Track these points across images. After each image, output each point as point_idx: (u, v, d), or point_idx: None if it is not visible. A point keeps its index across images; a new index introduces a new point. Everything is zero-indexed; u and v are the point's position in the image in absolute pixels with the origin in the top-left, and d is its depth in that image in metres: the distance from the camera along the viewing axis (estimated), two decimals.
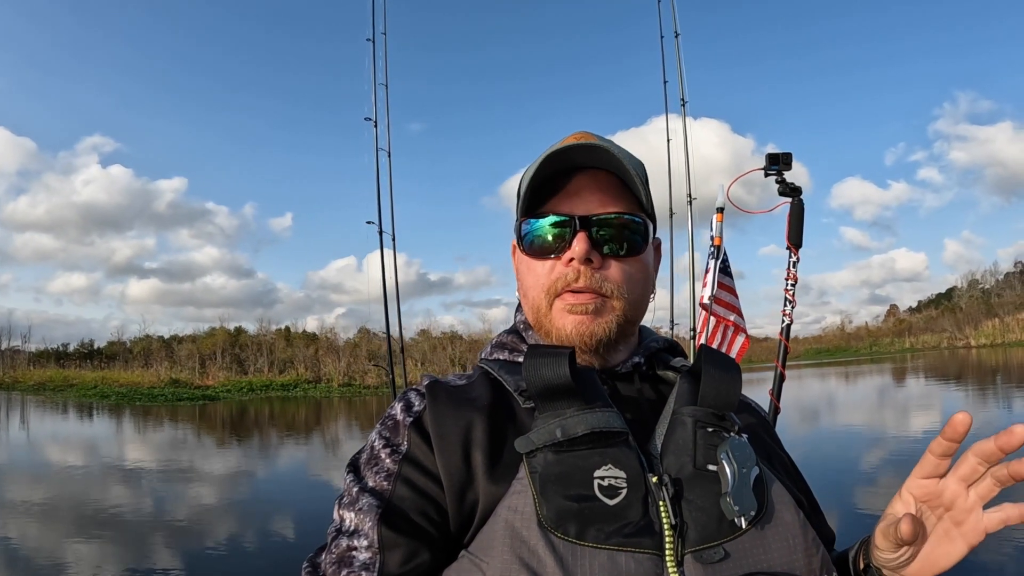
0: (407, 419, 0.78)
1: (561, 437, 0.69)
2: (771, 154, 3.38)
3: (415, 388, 0.84)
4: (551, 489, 0.66)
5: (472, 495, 0.71)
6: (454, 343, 35.85)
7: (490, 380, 0.83)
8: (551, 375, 0.72)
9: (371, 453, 0.77)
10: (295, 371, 32.38)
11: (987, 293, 47.87)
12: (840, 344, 48.15)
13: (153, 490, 8.46)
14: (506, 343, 0.91)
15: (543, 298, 0.82)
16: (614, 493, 0.67)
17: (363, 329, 37.59)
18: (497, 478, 0.70)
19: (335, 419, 18.88)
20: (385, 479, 0.73)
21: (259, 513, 7.16)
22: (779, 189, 3.37)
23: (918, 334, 45.76)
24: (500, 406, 0.78)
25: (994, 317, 41.22)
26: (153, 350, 35.96)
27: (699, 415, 0.74)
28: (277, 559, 5.39)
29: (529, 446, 0.70)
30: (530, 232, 0.83)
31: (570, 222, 0.80)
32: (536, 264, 0.84)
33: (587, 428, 0.69)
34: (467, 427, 0.74)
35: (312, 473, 10.10)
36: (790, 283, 3.50)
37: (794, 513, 0.72)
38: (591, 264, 0.79)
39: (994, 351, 33.93)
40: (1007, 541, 4.90)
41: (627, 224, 0.82)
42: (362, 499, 0.72)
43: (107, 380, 30.65)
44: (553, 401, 0.72)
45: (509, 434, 0.74)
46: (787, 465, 0.86)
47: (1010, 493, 0.66)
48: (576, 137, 0.84)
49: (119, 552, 5.63)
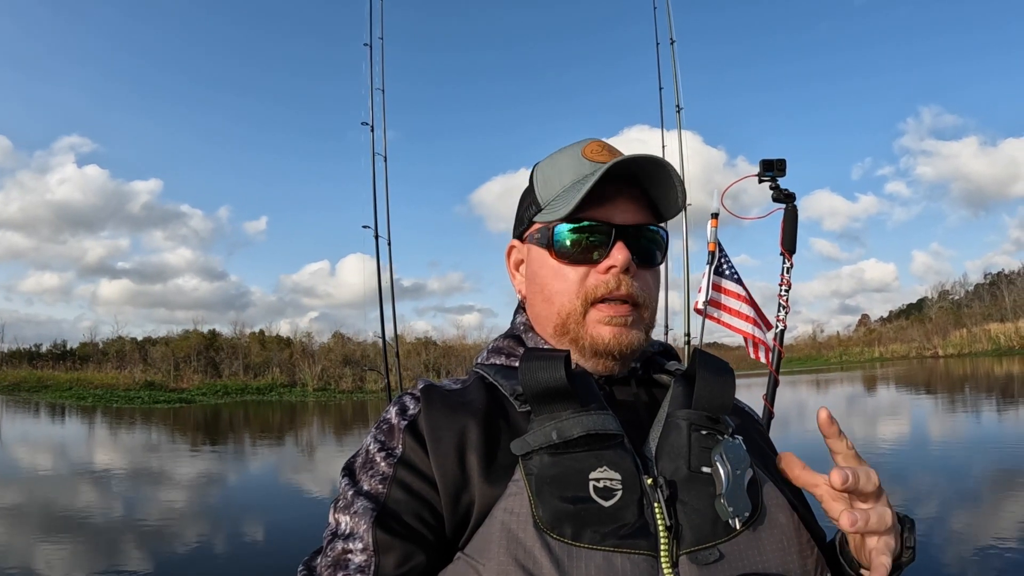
0: (402, 423, 0.79)
1: (557, 439, 0.71)
2: (765, 160, 3.45)
3: (410, 392, 0.85)
4: (547, 491, 0.68)
5: (467, 497, 0.72)
6: (428, 348, 36.78)
7: (485, 385, 0.84)
8: (547, 378, 0.74)
9: (366, 457, 0.79)
10: (270, 375, 33.09)
11: (957, 304, 49.84)
12: (811, 353, 49.93)
13: (165, 495, 8.87)
14: (502, 348, 0.92)
15: (577, 305, 0.84)
16: (609, 495, 0.68)
17: (337, 333, 38.81)
18: (492, 480, 0.72)
19: (323, 424, 19.59)
20: (380, 482, 0.74)
21: (261, 516, 7.56)
22: (773, 195, 3.45)
23: (888, 343, 47.55)
24: (495, 410, 0.79)
25: (962, 328, 43.02)
26: (126, 352, 36.40)
27: (693, 418, 0.76)
28: (278, 558, 5.69)
29: (525, 448, 0.72)
30: (565, 237, 0.84)
31: (609, 230, 0.83)
32: (568, 270, 0.85)
33: (583, 430, 0.71)
34: (462, 430, 0.76)
35: (310, 476, 10.57)
36: (784, 288, 3.57)
37: (788, 514, 0.74)
38: (628, 273, 0.83)
39: (961, 361, 35.12)
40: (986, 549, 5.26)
41: (655, 236, 0.87)
42: (357, 502, 0.73)
43: (82, 381, 31.12)
44: (549, 404, 0.74)
45: (504, 437, 0.75)
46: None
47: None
48: (601, 144, 0.88)
49: (142, 557, 5.89)
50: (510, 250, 0.97)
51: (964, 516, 6.38)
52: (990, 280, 49.59)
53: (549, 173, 0.90)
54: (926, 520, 6.06)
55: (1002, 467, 8.58)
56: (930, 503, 6.92)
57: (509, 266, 0.98)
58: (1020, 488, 7.42)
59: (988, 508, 6.68)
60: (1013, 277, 46.26)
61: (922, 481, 8.01)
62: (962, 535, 5.72)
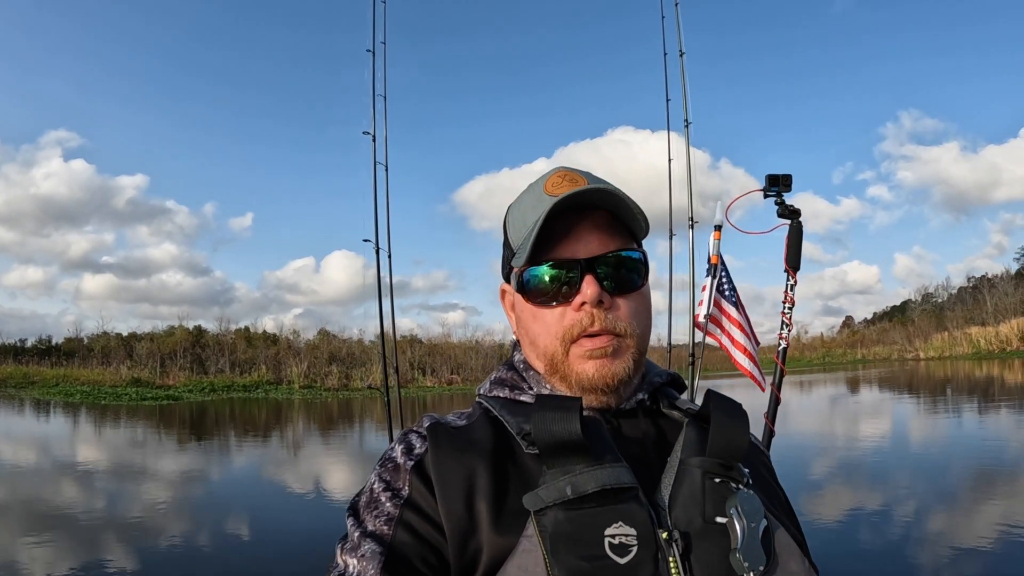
0: (408, 463, 0.79)
1: (572, 495, 0.71)
2: (771, 175, 3.43)
3: (415, 430, 0.85)
4: (562, 549, 0.68)
5: (475, 544, 0.72)
6: (413, 346, 37.02)
7: (491, 419, 0.85)
8: (561, 431, 0.73)
9: (371, 496, 0.79)
10: (257, 372, 33.45)
11: (939, 307, 50.94)
12: (794, 354, 51.00)
13: (164, 492, 9.15)
14: (505, 380, 0.92)
15: (558, 346, 0.84)
16: (625, 551, 0.68)
17: (323, 330, 39.58)
18: (502, 530, 0.72)
19: (318, 421, 19.99)
20: (385, 523, 0.75)
21: (260, 514, 7.79)
22: (778, 211, 3.44)
23: (870, 346, 48.75)
24: (503, 451, 0.79)
25: (944, 331, 44.11)
26: (112, 348, 36.67)
27: (707, 465, 0.76)
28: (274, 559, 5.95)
29: (538, 504, 0.71)
30: (534, 280, 0.84)
31: (576, 266, 0.82)
32: (544, 312, 0.85)
33: (597, 485, 0.71)
34: (470, 474, 0.76)
35: (315, 476, 10.78)
36: (787, 306, 3.54)
37: (799, 562, 0.75)
38: (602, 306, 0.82)
39: (941, 363, 35.85)
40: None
41: (628, 261, 0.85)
42: (365, 545, 0.73)
43: (68, 378, 31.47)
44: (563, 457, 0.74)
45: (513, 482, 0.76)
46: (784, 503, 0.89)
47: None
48: (562, 175, 0.87)
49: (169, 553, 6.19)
50: (503, 293, 0.98)
51: (931, 513, 6.76)
52: (972, 284, 50.69)
53: (516, 215, 0.90)
54: (900, 520, 6.45)
55: (951, 462, 9.28)
56: (894, 499, 7.35)
57: (505, 308, 0.98)
58: (982, 485, 7.95)
59: (954, 505, 7.08)
60: (995, 281, 47.37)
61: (884, 477, 8.62)
62: (930, 533, 5.95)
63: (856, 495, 7.74)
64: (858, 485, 8.31)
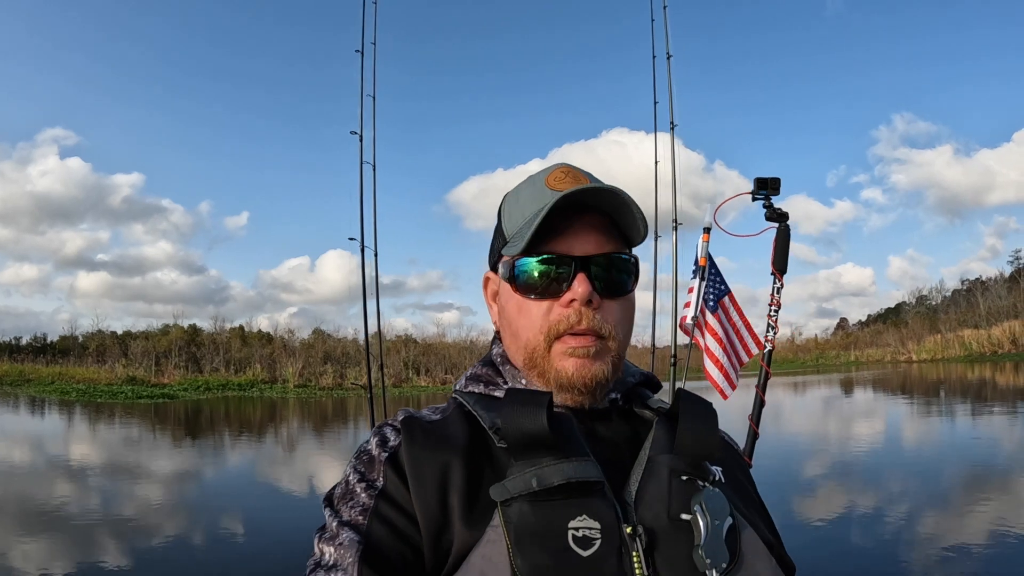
0: (383, 454, 0.81)
1: (537, 487, 0.72)
2: (759, 179, 3.45)
3: (390, 423, 0.86)
4: (526, 541, 0.69)
5: (447, 538, 0.74)
6: (408, 346, 37.40)
7: (465, 415, 0.86)
8: (529, 425, 0.74)
9: (346, 488, 0.80)
10: (252, 371, 33.60)
11: (933, 309, 51.36)
12: (788, 356, 51.29)
13: (165, 488, 9.36)
14: (480, 376, 0.93)
15: (541, 340, 0.84)
16: (588, 544, 0.69)
17: (317, 330, 39.71)
18: (472, 523, 0.73)
19: (312, 419, 20.24)
20: (360, 514, 0.76)
21: (262, 510, 7.98)
22: (766, 214, 3.46)
23: (863, 347, 48.96)
24: (476, 446, 0.80)
25: (937, 333, 44.46)
26: (107, 346, 36.89)
27: (674, 463, 0.77)
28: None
29: (504, 495, 0.73)
30: (526, 272, 0.84)
31: (570, 262, 0.83)
32: (531, 305, 0.85)
33: (563, 479, 0.72)
34: (444, 468, 0.77)
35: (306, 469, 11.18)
36: (773, 309, 3.54)
37: (766, 562, 0.76)
38: (591, 305, 0.82)
39: (934, 365, 36.13)
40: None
41: (622, 264, 0.86)
42: (343, 534, 0.74)
43: (64, 376, 31.58)
44: (530, 450, 0.75)
45: (485, 476, 0.77)
46: (758, 506, 0.90)
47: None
48: (565, 171, 0.88)
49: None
50: (486, 281, 0.98)
51: (920, 513, 6.88)
52: (966, 287, 51.11)
53: (513, 205, 0.91)
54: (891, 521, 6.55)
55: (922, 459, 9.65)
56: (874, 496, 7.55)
57: (487, 297, 0.98)
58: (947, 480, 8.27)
59: (942, 504, 7.25)
60: (989, 284, 47.80)
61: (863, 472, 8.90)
62: (918, 533, 6.00)
63: (845, 496, 7.85)
64: (847, 486, 8.45)
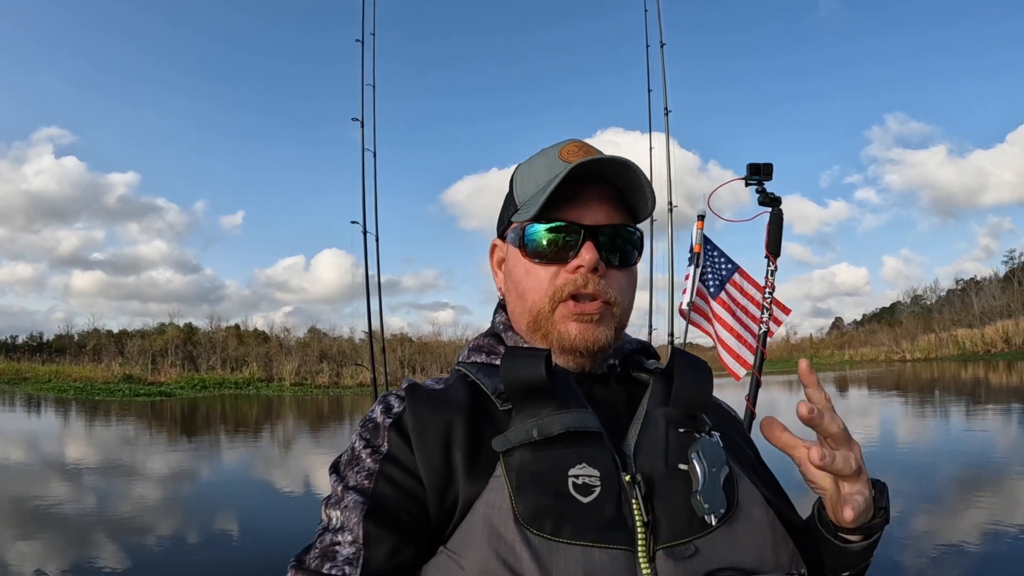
0: (387, 420, 0.83)
1: (537, 436, 0.75)
2: (752, 164, 3.49)
3: (394, 392, 0.89)
4: (527, 486, 0.72)
5: (452, 492, 0.76)
6: (404, 345, 37.52)
7: (467, 383, 0.89)
8: (528, 375, 0.78)
9: (352, 454, 0.82)
10: (248, 369, 33.67)
11: (927, 309, 51.56)
12: (783, 355, 51.44)
13: (164, 485, 9.40)
14: (483, 346, 0.96)
15: (546, 302, 0.88)
16: (588, 491, 0.72)
17: (313, 328, 39.81)
18: (475, 476, 0.75)
19: (309, 416, 20.36)
20: (366, 478, 0.78)
21: (262, 508, 7.95)
22: (759, 199, 3.52)
23: (858, 347, 49.24)
24: (478, 407, 0.83)
25: (931, 332, 44.72)
26: (103, 345, 37.00)
27: (671, 415, 0.80)
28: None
29: (506, 444, 0.76)
30: (535, 237, 0.88)
31: (579, 230, 0.86)
32: (539, 269, 0.89)
33: (562, 428, 0.75)
34: (446, 427, 0.80)
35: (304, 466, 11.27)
36: (768, 291, 3.63)
37: (763, 511, 0.78)
38: (597, 273, 0.86)
39: (928, 365, 36.27)
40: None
41: (629, 236, 0.90)
42: (347, 497, 0.77)
43: (60, 374, 31.59)
44: (530, 401, 0.78)
45: (487, 434, 0.79)
46: (755, 462, 0.93)
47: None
48: (578, 145, 0.92)
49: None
50: (493, 248, 1.01)
51: (913, 510, 6.77)
52: (960, 286, 51.32)
53: (526, 174, 0.94)
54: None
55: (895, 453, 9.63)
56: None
57: (492, 264, 1.01)
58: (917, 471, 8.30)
59: (934, 500, 7.21)
60: (983, 284, 48.02)
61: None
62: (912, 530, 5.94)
63: None
64: None
